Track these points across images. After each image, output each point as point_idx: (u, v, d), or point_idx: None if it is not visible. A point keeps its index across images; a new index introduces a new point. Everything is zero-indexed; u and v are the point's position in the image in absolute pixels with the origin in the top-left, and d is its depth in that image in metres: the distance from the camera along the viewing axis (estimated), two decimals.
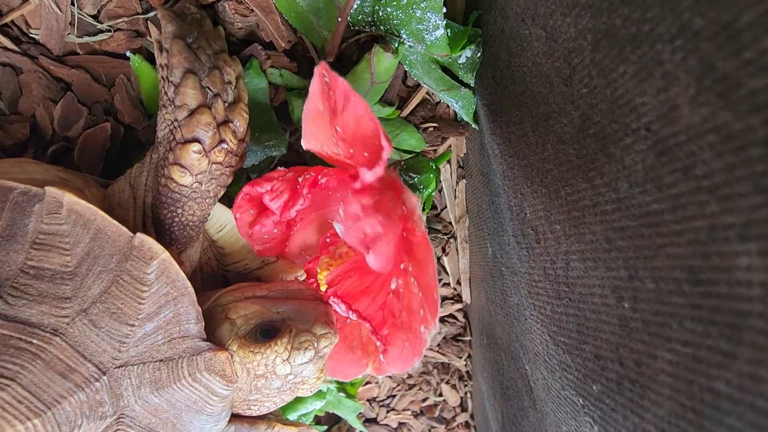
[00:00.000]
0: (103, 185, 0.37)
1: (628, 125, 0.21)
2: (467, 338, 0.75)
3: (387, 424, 0.78)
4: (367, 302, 0.34)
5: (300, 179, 0.34)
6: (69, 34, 0.41)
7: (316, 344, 0.30)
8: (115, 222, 0.29)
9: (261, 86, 0.44)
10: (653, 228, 0.20)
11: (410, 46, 0.41)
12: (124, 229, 0.29)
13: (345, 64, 0.48)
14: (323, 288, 0.35)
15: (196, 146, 0.32)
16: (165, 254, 0.29)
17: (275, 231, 0.37)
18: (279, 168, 0.36)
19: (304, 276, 0.39)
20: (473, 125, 0.47)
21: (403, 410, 0.78)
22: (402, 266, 0.31)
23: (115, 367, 0.28)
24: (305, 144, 0.31)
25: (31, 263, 0.28)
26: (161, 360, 0.29)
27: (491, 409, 0.62)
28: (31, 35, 0.41)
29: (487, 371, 0.62)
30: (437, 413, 0.79)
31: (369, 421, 0.75)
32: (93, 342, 0.28)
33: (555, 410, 0.35)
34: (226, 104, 0.34)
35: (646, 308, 0.20)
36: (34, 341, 0.27)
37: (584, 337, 0.26)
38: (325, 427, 0.69)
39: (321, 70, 0.27)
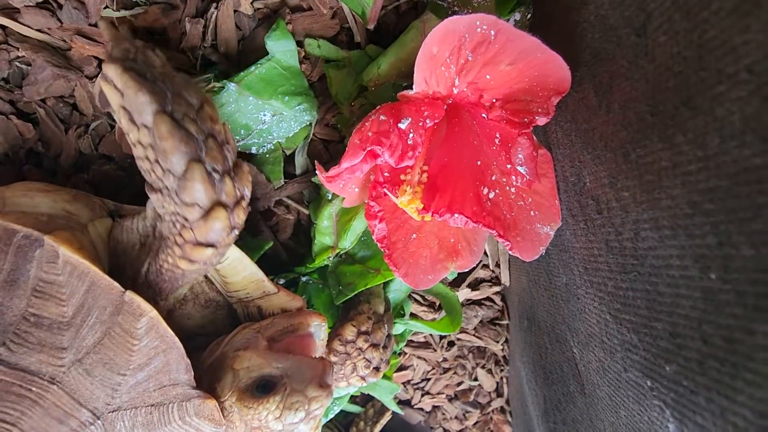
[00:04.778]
0: (111, 211, 0.38)
1: (721, 71, 0.19)
2: (504, 322, 0.73)
3: (421, 408, 0.77)
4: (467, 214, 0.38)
5: (403, 126, 0.34)
6: (106, 7, 0.41)
7: (307, 406, 0.32)
8: (107, 277, 0.31)
9: (289, 48, 0.42)
10: (753, 186, 0.17)
11: (455, 11, 0.39)
12: (116, 284, 0.31)
13: (383, 33, 0.46)
14: (413, 209, 0.37)
15: (210, 250, 0.30)
16: (153, 312, 0.31)
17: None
18: (378, 117, 0.34)
19: (301, 305, 0.43)
20: None
21: (438, 394, 0.77)
22: (493, 178, 0.38)
23: (109, 412, 0.30)
24: (416, 86, 0.34)
25: (32, 311, 0.30)
26: (152, 405, 0.31)
27: (531, 393, 0.60)
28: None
29: (528, 355, 0.60)
30: (472, 397, 0.78)
31: (402, 403, 0.75)
32: (87, 390, 0.30)
33: (612, 394, 0.33)
34: (233, 177, 0.29)
35: (741, 278, 0.18)
36: (33, 389, 0.29)
37: (656, 314, 0.24)
38: (362, 409, 0.69)
39: (480, 20, 0.30)
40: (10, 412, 0.28)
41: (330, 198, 0.48)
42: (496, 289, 0.70)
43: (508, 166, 0.36)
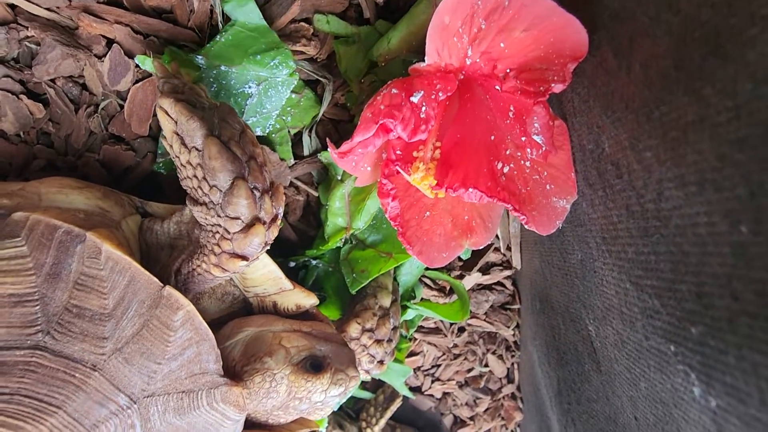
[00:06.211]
0: (139, 208, 0.40)
1: (754, 13, 0.18)
2: (516, 306, 0.72)
3: (431, 395, 0.76)
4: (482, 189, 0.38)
5: (415, 99, 0.34)
6: None
7: (347, 383, 0.36)
8: (147, 272, 0.33)
9: (250, 8, 0.41)
10: None
11: None
12: (155, 279, 0.33)
13: (393, 9, 0.45)
14: (426, 186, 0.37)
15: (243, 262, 0.33)
16: (190, 306, 0.33)
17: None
18: (389, 91, 0.34)
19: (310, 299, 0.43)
20: None
21: (448, 380, 0.77)
22: (508, 152, 0.37)
23: (144, 397, 0.33)
24: (428, 58, 0.34)
25: (74, 302, 0.32)
26: (183, 391, 0.34)
27: (544, 376, 0.60)
28: None
29: (540, 338, 0.59)
30: (483, 384, 0.77)
31: (413, 390, 0.74)
32: (126, 377, 0.32)
33: (631, 366, 0.32)
34: (271, 196, 0.33)
35: None
36: (77, 375, 0.31)
37: (681, 276, 0.23)
38: (372, 395, 0.69)
39: None
40: (56, 396, 0.30)
41: (341, 178, 0.48)
42: (507, 273, 0.69)
43: (523, 138, 0.35)
